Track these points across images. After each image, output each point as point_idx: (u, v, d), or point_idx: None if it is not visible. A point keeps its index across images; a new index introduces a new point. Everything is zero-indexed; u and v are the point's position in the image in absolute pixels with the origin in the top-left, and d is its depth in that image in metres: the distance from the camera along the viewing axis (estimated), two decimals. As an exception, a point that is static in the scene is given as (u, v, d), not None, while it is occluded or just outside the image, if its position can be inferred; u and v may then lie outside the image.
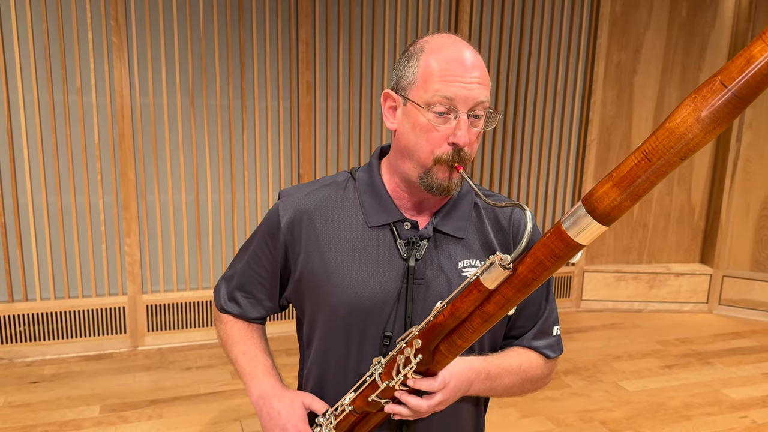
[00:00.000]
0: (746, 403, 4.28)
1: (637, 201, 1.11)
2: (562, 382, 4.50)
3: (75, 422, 3.80)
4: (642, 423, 3.98)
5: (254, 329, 1.84)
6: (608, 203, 1.12)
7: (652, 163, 1.06)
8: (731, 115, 0.99)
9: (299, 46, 4.88)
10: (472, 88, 1.44)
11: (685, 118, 1.01)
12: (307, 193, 1.68)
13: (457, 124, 1.45)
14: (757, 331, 5.64)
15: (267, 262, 1.72)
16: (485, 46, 5.41)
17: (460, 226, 1.63)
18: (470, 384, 1.55)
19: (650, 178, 1.08)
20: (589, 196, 1.14)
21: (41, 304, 4.61)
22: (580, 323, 5.73)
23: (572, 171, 5.86)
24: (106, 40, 4.48)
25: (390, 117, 1.58)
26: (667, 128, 1.04)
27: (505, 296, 1.29)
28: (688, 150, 1.03)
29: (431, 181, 1.51)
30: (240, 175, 4.93)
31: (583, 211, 1.15)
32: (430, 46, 1.49)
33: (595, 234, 1.16)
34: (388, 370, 1.48)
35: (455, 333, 1.38)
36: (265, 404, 1.68)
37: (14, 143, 4.41)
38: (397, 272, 1.59)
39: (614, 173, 1.11)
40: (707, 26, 5.78)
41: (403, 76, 1.52)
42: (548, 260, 1.22)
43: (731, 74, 0.97)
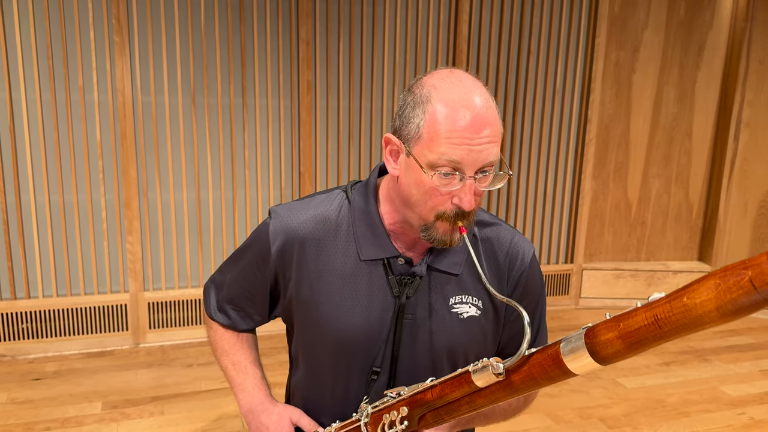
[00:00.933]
0: (744, 400, 4.27)
1: (638, 354, 1.11)
2: (561, 379, 4.49)
3: (77, 419, 3.80)
4: (640, 420, 3.98)
5: (244, 339, 1.81)
6: (610, 352, 1.12)
7: (662, 330, 1.05)
8: (753, 311, 0.96)
9: (300, 45, 4.87)
10: (481, 150, 1.35)
11: (705, 303, 0.98)
12: (299, 216, 1.60)
13: (462, 188, 1.37)
14: (755, 328, 5.63)
15: (257, 281, 1.68)
16: (484, 45, 5.40)
17: (455, 262, 1.58)
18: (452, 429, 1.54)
19: (657, 341, 1.07)
20: (593, 336, 1.14)
21: (43, 302, 4.61)
22: (578, 320, 5.72)
23: (571, 169, 5.85)
24: (107, 39, 4.47)
25: (392, 161, 1.48)
26: (685, 305, 1.01)
27: (494, 394, 1.29)
28: (699, 328, 1.02)
29: (432, 235, 1.44)
30: (241, 173, 4.92)
31: (583, 346, 1.15)
32: (438, 95, 1.35)
33: (590, 369, 1.17)
34: (374, 423, 1.47)
35: (442, 409, 1.38)
36: (254, 419, 1.67)
37: (16, 141, 4.40)
38: (387, 308, 1.55)
39: (621, 324, 1.10)
40: (705, 25, 5.76)
41: (407, 125, 1.40)
42: (541, 378, 1.22)
43: (764, 276, 0.91)
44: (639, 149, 5.93)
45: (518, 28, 5.47)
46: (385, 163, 1.50)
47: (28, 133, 4.41)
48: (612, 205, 6.01)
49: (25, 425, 3.71)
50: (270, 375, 1.82)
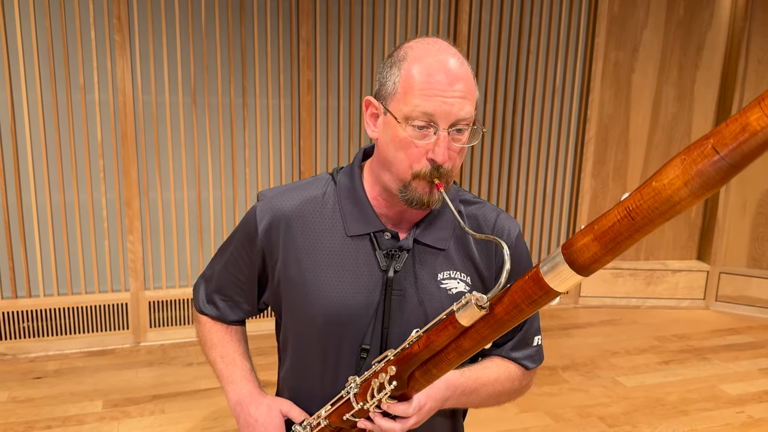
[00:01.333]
0: (743, 399, 4.27)
1: (618, 255, 1.07)
2: (560, 377, 4.50)
3: (78, 417, 3.80)
4: (639, 418, 3.97)
5: (233, 331, 1.79)
6: (588, 257, 1.08)
7: (635, 221, 1.02)
8: (721, 181, 0.94)
9: (300, 45, 4.86)
10: (453, 103, 1.36)
11: (672, 180, 0.97)
12: (286, 197, 1.61)
13: (436, 141, 1.38)
14: (754, 327, 5.63)
15: (245, 266, 1.67)
16: (484, 45, 5.40)
17: (441, 237, 1.58)
18: (445, 400, 1.52)
19: (632, 236, 1.03)
20: (569, 246, 1.11)
21: (44, 301, 4.60)
22: (577, 319, 5.72)
23: (570, 168, 5.84)
24: (108, 39, 4.46)
25: (371, 125, 1.50)
26: (654, 188, 0.99)
27: (480, 333, 1.26)
28: (673, 211, 0.99)
29: (410, 195, 1.44)
30: (241, 172, 4.91)
31: (562, 260, 1.11)
32: (413, 54, 1.40)
33: (573, 283, 1.13)
34: (362, 392, 1.45)
35: (430, 362, 1.35)
36: (243, 410, 1.64)
37: (18, 141, 4.40)
38: (375, 284, 1.54)
39: (596, 226, 1.07)
40: (704, 25, 5.76)
41: (384, 84, 1.44)
42: (525, 304, 1.19)
43: (724, 140, 0.91)
44: (638, 148, 5.92)
45: (518, 27, 5.47)
46: (365, 127, 1.52)
47: (30, 132, 4.40)
48: (611, 204, 5.99)
49: (26, 424, 3.71)
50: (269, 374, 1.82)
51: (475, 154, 5.56)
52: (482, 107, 5.49)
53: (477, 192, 5.61)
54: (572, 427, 3.86)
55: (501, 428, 3.82)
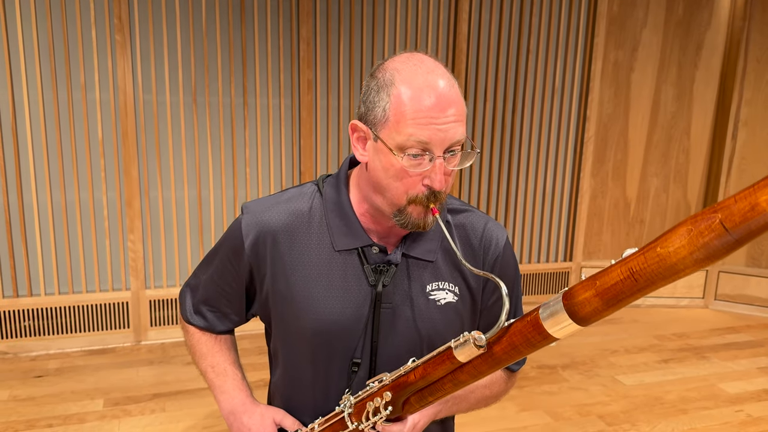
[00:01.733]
0: (742, 398, 4.27)
1: (617, 310, 1.10)
2: (560, 376, 4.49)
3: (79, 416, 3.79)
4: (639, 417, 3.97)
5: (223, 341, 1.77)
6: (588, 311, 1.10)
7: (638, 283, 1.04)
8: (725, 253, 0.96)
9: (300, 45, 4.86)
10: (448, 129, 1.34)
11: (678, 250, 0.98)
12: (271, 211, 1.58)
13: (432, 168, 1.36)
14: (753, 326, 5.62)
15: (232, 279, 1.64)
16: (484, 44, 5.39)
17: (430, 249, 1.57)
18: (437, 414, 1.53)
19: (634, 295, 1.06)
20: (571, 297, 1.13)
21: (45, 299, 4.60)
22: (577, 318, 5.70)
23: (570, 168, 5.84)
24: (109, 38, 4.46)
25: (359, 148, 1.46)
26: (659, 254, 1.00)
27: (477, 369, 1.28)
28: (675, 277, 1.01)
29: (405, 220, 1.42)
30: (242, 171, 4.91)
31: (563, 311, 1.14)
32: (401, 78, 1.36)
33: (571, 332, 1.16)
34: (357, 412, 1.45)
35: (426, 390, 1.36)
36: (236, 420, 1.63)
37: (19, 140, 4.40)
38: (364, 298, 1.53)
39: (598, 282, 1.09)
40: (703, 25, 5.75)
41: (372, 110, 1.39)
42: (522, 346, 1.21)
43: (733, 217, 0.92)
44: (637, 148, 5.92)
45: (518, 27, 5.46)
46: (353, 150, 1.48)
47: (31, 131, 4.40)
48: (611, 203, 6.00)
49: (27, 422, 3.70)
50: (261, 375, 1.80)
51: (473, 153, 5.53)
52: (482, 107, 5.48)
53: (477, 191, 5.61)
54: (572, 425, 3.86)
55: (501, 427, 3.81)
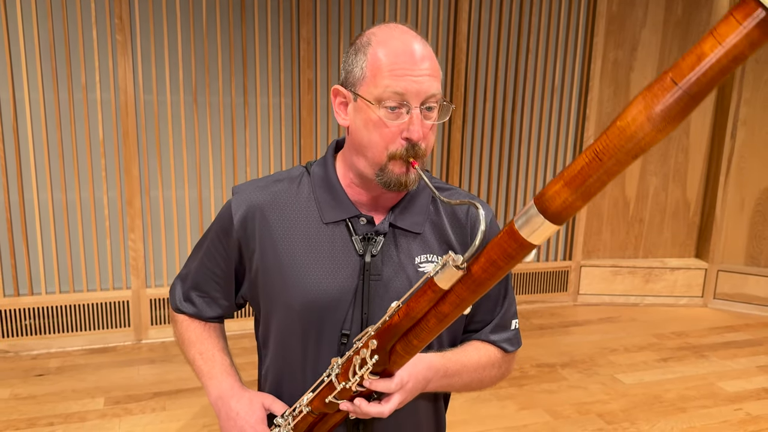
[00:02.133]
0: (741, 396, 4.26)
1: (589, 200, 1.07)
2: (559, 375, 4.49)
3: (80, 414, 3.79)
4: (638, 415, 3.96)
5: (211, 328, 1.76)
6: (559, 203, 1.07)
7: (603, 162, 1.02)
8: (682, 113, 0.95)
9: (301, 45, 4.85)
10: (422, 81, 1.38)
11: (635, 117, 0.97)
12: (260, 188, 1.61)
13: (410, 119, 1.40)
14: (752, 324, 5.61)
15: (221, 259, 1.66)
16: (484, 43, 5.38)
17: (417, 221, 1.58)
18: (428, 382, 1.50)
19: (601, 178, 1.03)
20: (541, 195, 1.10)
21: (46, 298, 4.60)
22: (577, 317, 5.71)
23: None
24: (110, 39, 4.45)
25: (341, 113, 1.51)
26: (618, 127, 0.99)
27: (459, 296, 1.24)
28: (639, 149, 0.99)
29: (387, 177, 1.45)
30: (242, 171, 4.90)
31: (535, 210, 1.10)
32: (377, 39, 1.42)
33: (548, 233, 1.12)
34: (344, 371, 1.42)
35: (411, 333, 1.33)
36: (224, 405, 1.61)
37: (20, 140, 4.39)
38: (353, 269, 1.53)
39: (565, 173, 1.07)
40: (702, 24, 5.74)
41: (351, 72, 1.45)
42: (501, 260, 1.17)
43: (682, 72, 0.92)
44: (637, 147, 5.90)
45: (517, 26, 5.45)
46: (336, 117, 1.52)
47: (32, 131, 4.39)
48: (610, 202, 6.00)
49: (28, 420, 3.70)
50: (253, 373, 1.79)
51: (474, 151, 5.55)
52: (482, 105, 5.47)
53: (477, 190, 5.60)
54: (571, 424, 3.85)
55: (500, 425, 3.81)
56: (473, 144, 5.51)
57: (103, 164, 4.57)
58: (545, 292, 5.98)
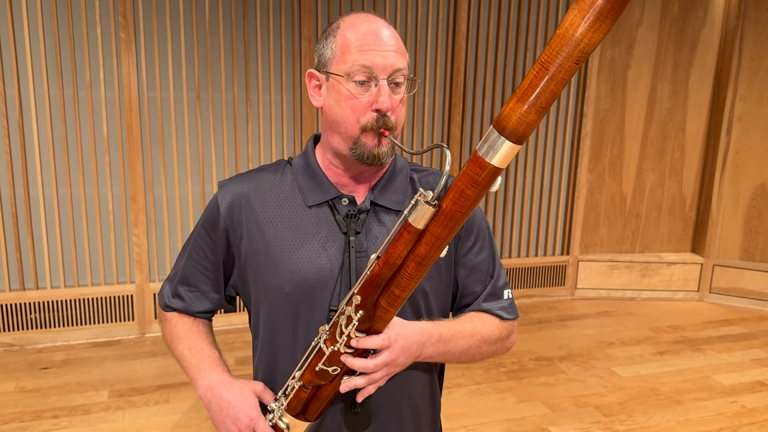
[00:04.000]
0: (736, 389, 4.24)
1: (543, 113, 1.10)
2: (557, 368, 4.47)
3: (84, 407, 3.77)
4: (635, 408, 3.95)
5: (200, 324, 1.73)
6: (515, 119, 1.11)
7: (549, 71, 1.06)
8: (614, 10, 1.01)
9: (302, 42, 4.83)
10: (388, 56, 1.44)
11: (572, 21, 1.03)
12: (244, 179, 1.64)
13: (378, 91, 1.44)
14: (747, 318, 5.59)
15: (210, 251, 1.65)
16: (482, 41, 5.36)
17: (396, 199, 1.60)
18: (422, 346, 1.49)
19: (550, 87, 1.07)
20: (498, 117, 1.14)
21: (51, 293, 4.58)
22: (574, 311, 5.69)
23: (567, 163, 5.81)
24: (114, 36, 4.43)
25: (315, 95, 1.56)
26: (558, 35, 1.04)
27: (434, 234, 1.26)
28: (580, 53, 1.04)
29: (361, 150, 1.48)
30: (244, 167, 4.88)
31: (494, 133, 1.14)
32: (346, 23, 1.49)
33: (510, 154, 1.15)
34: (332, 335, 1.41)
35: (392, 283, 1.33)
36: (214, 396, 1.56)
37: (25, 137, 4.37)
38: (338, 246, 1.55)
39: (518, 90, 1.11)
40: (698, 23, 5.72)
41: (323, 54, 1.51)
42: (469, 189, 1.20)
43: None
44: (633, 143, 5.89)
45: (515, 25, 5.43)
46: (311, 99, 1.58)
47: (37, 128, 4.37)
48: (607, 198, 5.97)
49: (33, 413, 3.68)
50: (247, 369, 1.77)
51: (473, 147, 5.51)
52: (480, 103, 5.45)
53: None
54: (569, 416, 3.83)
55: (499, 417, 3.79)
56: (472, 140, 5.49)
57: (107, 160, 4.55)
58: (543, 287, 5.96)
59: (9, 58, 4.25)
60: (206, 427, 3.60)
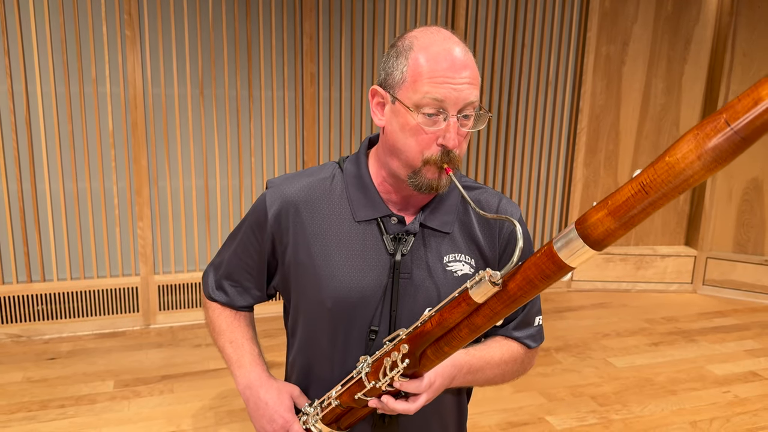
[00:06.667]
0: (729, 379, 4.21)
1: (630, 230, 1.03)
2: (554, 358, 4.45)
3: (90, 397, 3.74)
4: (630, 398, 3.92)
5: (242, 317, 1.73)
6: (601, 231, 1.05)
7: (649, 195, 0.99)
8: (734, 154, 0.91)
9: (304, 39, 4.80)
10: (462, 89, 1.35)
11: (686, 155, 0.94)
12: (294, 184, 1.58)
13: (446, 127, 1.36)
14: (739, 309, 5.57)
15: (254, 251, 1.62)
16: (480, 39, 5.32)
17: (446, 221, 1.55)
18: (452, 379, 1.47)
19: (645, 209, 1.01)
20: (583, 221, 1.07)
21: (58, 285, 4.55)
22: (570, 302, 5.67)
23: (563, 158, 5.78)
24: (119, 33, 4.40)
25: (378, 113, 1.47)
26: (667, 163, 0.96)
27: (493, 310, 1.21)
28: (686, 185, 0.96)
29: (420, 181, 1.42)
30: (247, 161, 4.85)
31: (575, 235, 1.08)
32: (420, 44, 1.38)
33: (586, 258, 1.09)
34: (374, 371, 1.39)
35: (442, 340, 1.30)
36: (252, 394, 1.58)
37: (32, 132, 4.34)
38: (383, 267, 1.50)
39: (610, 201, 1.04)
40: (692, 20, 5.68)
41: (391, 74, 1.41)
42: (538, 279, 1.14)
43: (737, 114, 0.89)
44: (628, 138, 5.86)
45: (513, 22, 5.40)
46: (372, 116, 1.49)
47: (44, 123, 4.34)
48: (602, 192, 5.94)
49: (40, 403, 3.65)
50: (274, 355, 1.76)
51: (471, 143, 5.50)
52: (479, 99, 5.42)
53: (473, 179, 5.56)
54: (565, 406, 3.81)
55: (497, 407, 3.77)
56: (470, 137, 5.46)
57: (112, 155, 4.52)
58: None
59: (16, 55, 4.21)
60: (209, 416, 3.58)
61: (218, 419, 3.56)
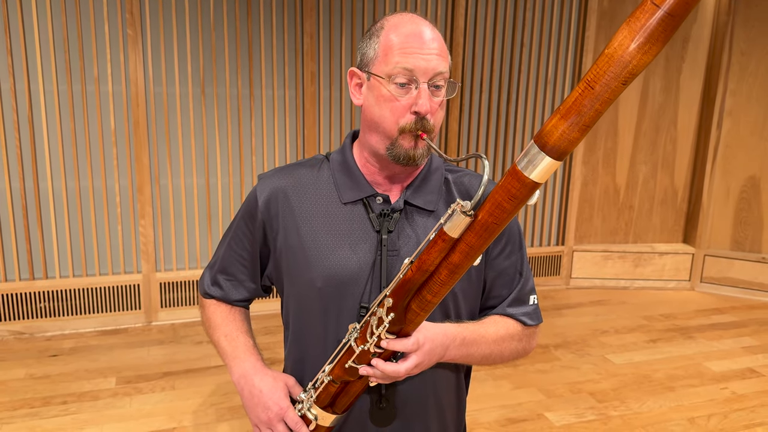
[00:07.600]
0: (726, 376, 4.20)
1: (586, 132, 1.05)
2: (552, 355, 4.44)
3: (92, 393, 3.74)
4: (628, 394, 3.91)
5: (237, 312, 1.75)
6: (558, 136, 1.06)
7: (594, 90, 1.01)
8: (665, 33, 0.96)
9: (304, 38, 4.79)
10: (430, 59, 1.41)
11: (621, 42, 0.97)
12: (283, 173, 1.63)
13: (418, 94, 1.41)
14: (737, 307, 5.56)
15: (247, 242, 1.66)
16: (480, 38, 5.31)
17: (430, 200, 1.57)
18: (446, 349, 1.46)
19: (595, 107, 1.02)
20: (539, 132, 1.09)
21: (60, 282, 4.54)
22: (569, 300, 5.66)
23: (562, 156, 5.78)
24: (121, 33, 4.39)
25: (356, 94, 1.55)
26: (606, 54, 0.99)
27: (469, 244, 1.22)
28: (628, 73, 0.99)
29: (398, 151, 1.46)
30: (248, 160, 4.85)
31: (535, 148, 1.10)
32: (390, 23, 1.46)
33: (549, 170, 1.10)
34: (362, 335, 1.39)
35: (425, 288, 1.30)
36: (247, 383, 1.59)
37: (35, 130, 4.33)
38: (370, 244, 1.53)
39: (561, 107, 1.06)
40: (689, 19, 5.65)
41: (365, 53, 1.49)
42: (506, 202, 1.16)
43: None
44: (627, 137, 5.85)
45: (512, 21, 5.38)
46: (351, 97, 1.56)
47: (46, 122, 4.34)
48: (601, 190, 5.94)
49: (42, 399, 3.65)
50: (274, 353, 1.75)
51: (471, 141, 5.49)
52: (478, 98, 5.41)
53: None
54: (564, 402, 3.80)
55: (496, 403, 3.76)
56: (470, 134, 5.46)
57: (114, 153, 4.51)
58: (539, 276, 5.93)
59: (19, 54, 4.21)
60: (210, 413, 3.57)
61: (219, 415, 3.55)
